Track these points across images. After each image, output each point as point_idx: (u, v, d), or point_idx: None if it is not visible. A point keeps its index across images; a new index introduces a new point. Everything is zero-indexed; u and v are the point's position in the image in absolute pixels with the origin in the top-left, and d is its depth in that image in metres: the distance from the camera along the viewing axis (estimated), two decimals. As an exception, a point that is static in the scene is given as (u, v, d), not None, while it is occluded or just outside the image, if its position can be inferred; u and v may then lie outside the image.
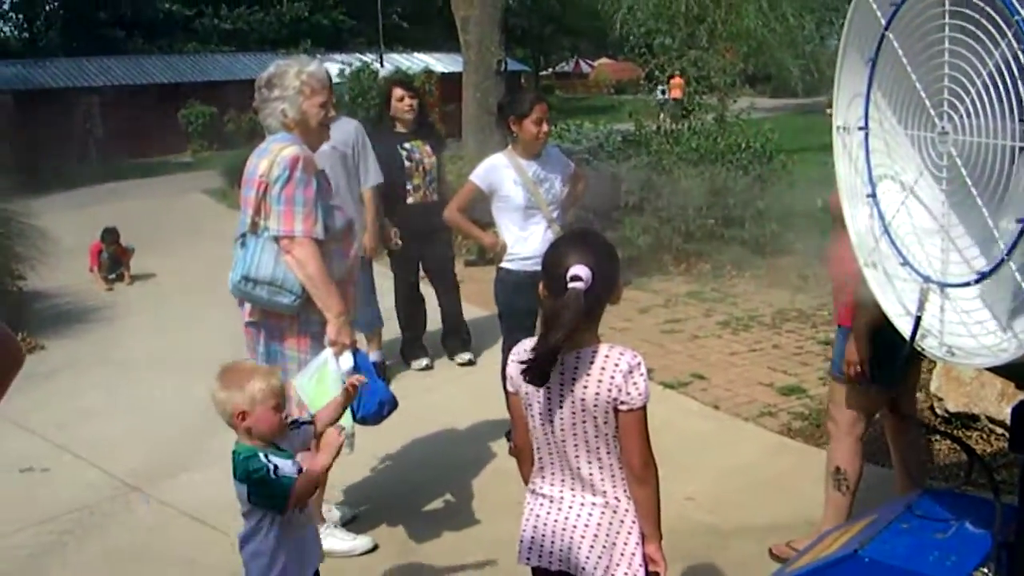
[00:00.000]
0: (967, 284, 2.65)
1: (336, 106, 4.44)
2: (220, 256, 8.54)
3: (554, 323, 2.57)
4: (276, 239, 3.94)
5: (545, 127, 5.30)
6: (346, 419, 3.81)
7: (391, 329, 7.24)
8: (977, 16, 2.48)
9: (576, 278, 2.58)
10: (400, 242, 6.86)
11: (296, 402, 3.87)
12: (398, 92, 6.96)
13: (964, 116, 2.62)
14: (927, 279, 2.83)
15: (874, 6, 2.92)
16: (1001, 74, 2.42)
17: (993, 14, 2.42)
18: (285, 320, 4.05)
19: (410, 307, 7.27)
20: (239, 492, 3.00)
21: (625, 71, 47.00)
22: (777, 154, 10.58)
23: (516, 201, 5.33)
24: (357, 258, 4.33)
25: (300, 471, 2.99)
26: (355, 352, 3.94)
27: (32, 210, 10.12)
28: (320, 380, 3.85)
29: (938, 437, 5.21)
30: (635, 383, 2.60)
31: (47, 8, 44.67)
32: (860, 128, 3.10)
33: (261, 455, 2.94)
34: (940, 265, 2.81)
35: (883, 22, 2.89)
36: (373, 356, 6.70)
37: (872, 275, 3.13)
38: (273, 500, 2.94)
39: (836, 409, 4.13)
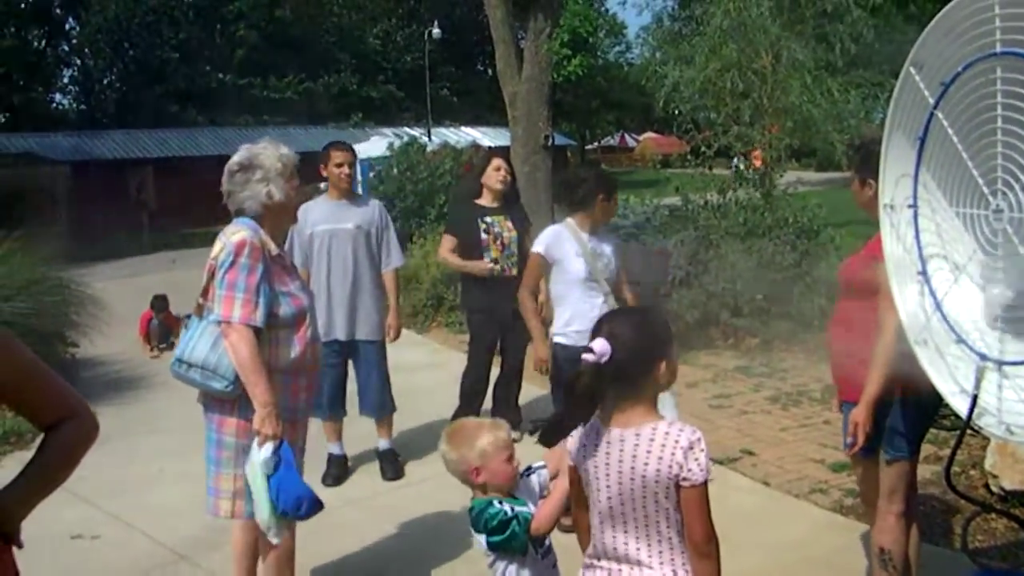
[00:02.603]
0: (1024, 363, 2.63)
1: (385, 180, 4.51)
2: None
3: (566, 395, 2.67)
4: (219, 323, 3.94)
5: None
6: (264, 512, 3.86)
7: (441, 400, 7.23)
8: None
9: (588, 350, 2.63)
10: (496, 268, 6.85)
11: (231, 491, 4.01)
12: (496, 162, 6.96)
13: (1020, 193, 2.62)
14: (984, 357, 2.81)
15: (921, 85, 2.94)
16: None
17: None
18: (226, 404, 4.02)
19: (474, 380, 7.13)
20: (480, 545, 3.13)
21: (670, 145, 47.16)
22: (824, 228, 10.56)
23: (578, 273, 5.38)
24: (315, 346, 4.23)
25: None
26: (280, 444, 3.88)
27: (86, 278, 10.29)
28: (251, 466, 3.90)
29: (995, 515, 5.12)
30: (696, 459, 2.61)
31: (104, 81, 45.78)
32: (909, 206, 3.10)
33: (496, 502, 3.07)
34: (997, 343, 2.79)
35: (931, 101, 2.91)
36: (382, 444, 6.66)
37: (923, 353, 3.11)
38: (514, 540, 3.03)
39: (866, 487, 4.09)
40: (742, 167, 13.66)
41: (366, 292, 6.44)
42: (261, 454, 3.85)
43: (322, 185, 6.71)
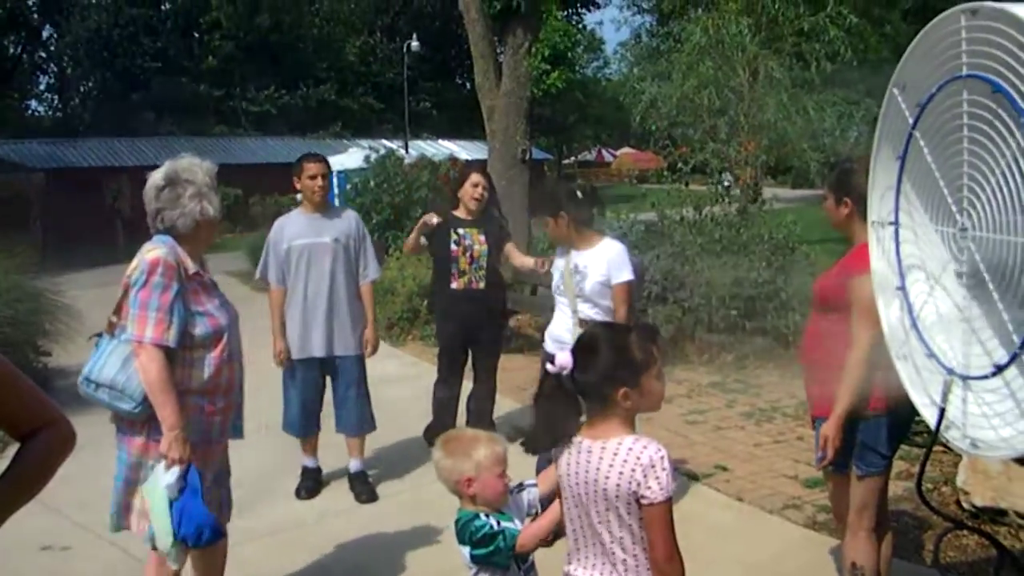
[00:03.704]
0: (986, 377, 2.67)
1: (362, 192, 4.48)
2: (242, 336, 8.61)
3: (533, 401, 2.80)
4: (132, 343, 3.87)
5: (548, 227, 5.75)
6: (165, 536, 3.80)
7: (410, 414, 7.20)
8: (989, 116, 2.53)
9: (550, 360, 2.74)
10: (434, 219, 6.83)
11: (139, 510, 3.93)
12: (475, 178, 6.88)
13: (981, 213, 2.66)
14: (951, 371, 2.85)
15: (903, 106, 2.98)
16: (1012, 172, 2.47)
17: (1002, 113, 2.47)
18: (136, 425, 3.95)
19: (444, 393, 7.10)
20: (463, 557, 3.12)
21: (647, 161, 47.42)
22: (799, 245, 10.62)
23: (553, 285, 5.69)
24: (231, 367, 4.15)
25: None
26: (187, 468, 3.81)
27: (59, 286, 10.22)
28: (154, 489, 3.83)
29: (966, 532, 5.15)
30: (656, 477, 2.59)
31: (81, 89, 45.59)
32: (890, 223, 3.14)
33: (483, 515, 3.07)
34: (963, 358, 2.83)
35: (910, 121, 2.95)
36: (354, 465, 6.52)
37: (903, 367, 3.14)
38: (497, 555, 3.03)
39: (837, 503, 4.12)
40: (727, 182, 13.74)
41: (344, 306, 6.33)
42: (166, 478, 3.78)
43: (299, 197, 6.64)
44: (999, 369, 2.59)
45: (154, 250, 3.95)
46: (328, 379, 6.50)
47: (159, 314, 3.83)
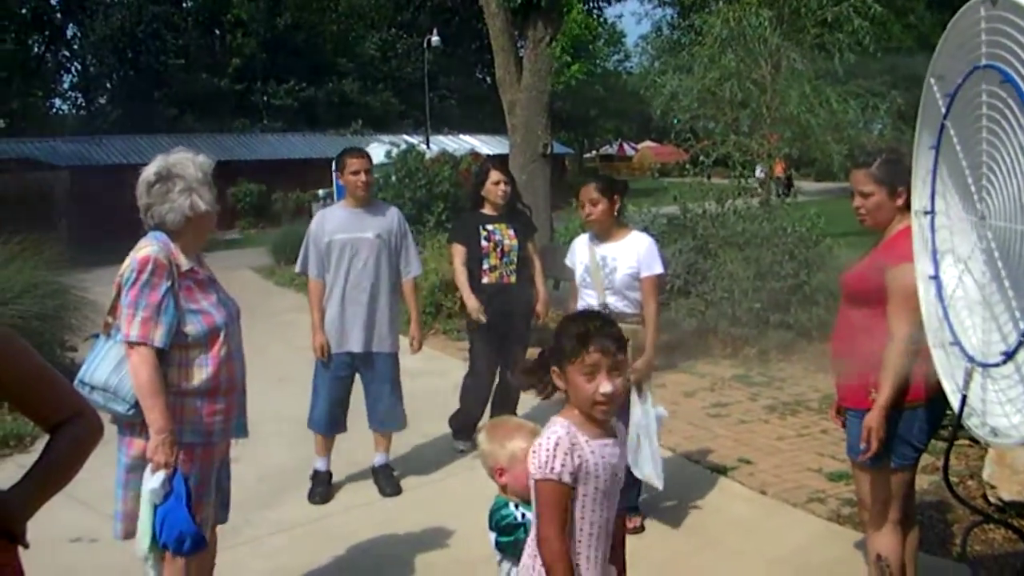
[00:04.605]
0: (998, 364, 2.67)
1: (384, 187, 4.43)
2: (265, 332, 8.68)
3: None
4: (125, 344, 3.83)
5: (588, 209, 5.54)
6: (144, 543, 3.77)
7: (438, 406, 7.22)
8: (1001, 106, 2.53)
9: None
10: (483, 318, 6.80)
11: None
12: (495, 176, 6.87)
13: (995, 201, 2.66)
14: (971, 359, 2.85)
15: (937, 96, 2.98)
16: (1019, 162, 2.47)
17: (1011, 103, 2.47)
18: (135, 426, 3.88)
19: (475, 386, 7.12)
20: (490, 541, 3.21)
21: (669, 154, 47.30)
22: (823, 238, 10.58)
23: (577, 274, 5.66)
24: (231, 366, 4.06)
25: None
26: (173, 473, 3.77)
27: (85, 283, 10.28)
28: (141, 492, 3.80)
29: (992, 526, 5.13)
30: (535, 453, 2.74)
31: (105, 87, 45.86)
32: (926, 212, 3.14)
33: (511, 505, 3.14)
34: (983, 345, 2.83)
35: (943, 111, 2.95)
36: (379, 459, 6.53)
37: (937, 356, 3.15)
38: (517, 546, 3.05)
39: (864, 495, 4.10)
40: (760, 175, 13.69)
41: (384, 302, 6.31)
42: (151, 483, 3.74)
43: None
44: (1008, 356, 2.59)
45: (144, 248, 3.90)
46: (359, 377, 6.47)
47: (146, 312, 3.77)
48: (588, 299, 5.57)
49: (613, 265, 5.50)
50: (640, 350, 5.32)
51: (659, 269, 5.55)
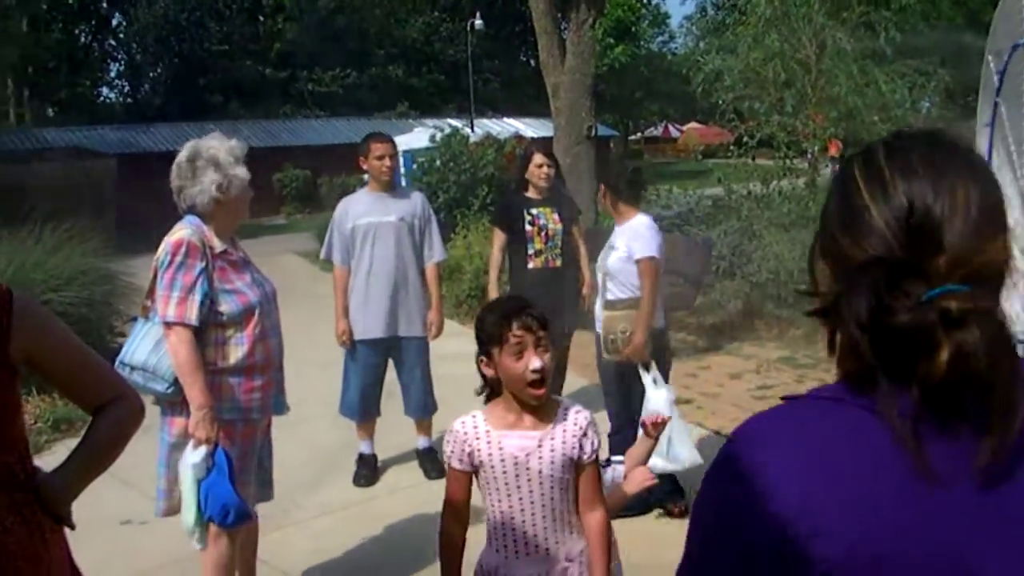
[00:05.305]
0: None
1: (428, 171, 4.45)
2: (312, 315, 8.73)
3: None
4: (163, 325, 3.91)
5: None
6: (190, 516, 3.84)
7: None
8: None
9: None
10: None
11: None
12: (538, 159, 6.75)
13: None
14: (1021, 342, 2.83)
15: (993, 73, 2.96)
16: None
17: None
18: (176, 405, 3.98)
19: None
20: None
21: (714, 135, 46.97)
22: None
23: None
24: (266, 343, 4.12)
25: None
26: (214, 448, 3.84)
27: (132, 269, 10.41)
28: (183, 467, 3.86)
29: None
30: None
31: (151, 75, 46.28)
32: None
33: None
34: (1020, 323, 2.81)
35: (996, 87, 2.93)
36: (422, 442, 6.59)
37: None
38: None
39: None
40: (810, 153, 13.58)
41: (408, 286, 6.33)
42: (192, 457, 3.82)
43: (366, 176, 6.65)
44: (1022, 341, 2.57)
45: (178, 232, 3.98)
46: (392, 362, 6.51)
47: (181, 293, 3.86)
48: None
49: (612, 247, 5.55)
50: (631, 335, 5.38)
51: (648, 252, 5.45)
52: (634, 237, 5.49)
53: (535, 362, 2.81)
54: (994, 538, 1.12)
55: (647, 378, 5.28)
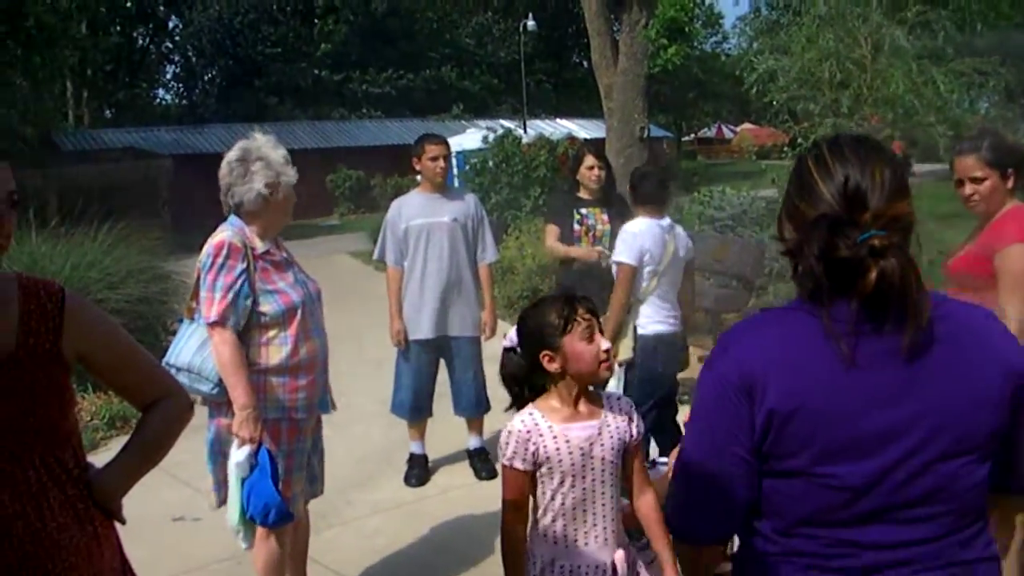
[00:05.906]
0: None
1: (481, 172, 4.45)
2: (365, 315, 8.77)
3: None
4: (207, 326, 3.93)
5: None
6: (234, 514, 3.86)
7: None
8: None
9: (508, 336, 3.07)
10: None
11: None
12: (589, 160, 6.68)
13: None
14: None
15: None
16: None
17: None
18: (221, 405, 3.99)
19: None
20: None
21: (768, 136, 46.59)
22: (925, 219, 10.31)
23: None
24: (311, 343, 4.12)
25: None
26: (257, 448, 3.86)
27: (187, 268, 10.51)
28: (229, 467, 3.90)
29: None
30: (502, 444, 2.99)
31: (205, 77, 46.78)
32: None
33: None
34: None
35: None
36: (473, 442, 6.59)
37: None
38: None
39: None
40: None
41: (461, 286, 6.33)
42: (236, 457, 3.85)
43: (419, 178, 6.65)
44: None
45: (220, 234, 4.01)
46: (444, 362, 6.51)
47: (222, 294, 3.88)
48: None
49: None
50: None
51: (623, 257, 5.47)
52: (621, 239, 5.53)
53: (604, 342, 2.91)
54: (905, 394, 1.78)
55: (612, 383, 5.25)
